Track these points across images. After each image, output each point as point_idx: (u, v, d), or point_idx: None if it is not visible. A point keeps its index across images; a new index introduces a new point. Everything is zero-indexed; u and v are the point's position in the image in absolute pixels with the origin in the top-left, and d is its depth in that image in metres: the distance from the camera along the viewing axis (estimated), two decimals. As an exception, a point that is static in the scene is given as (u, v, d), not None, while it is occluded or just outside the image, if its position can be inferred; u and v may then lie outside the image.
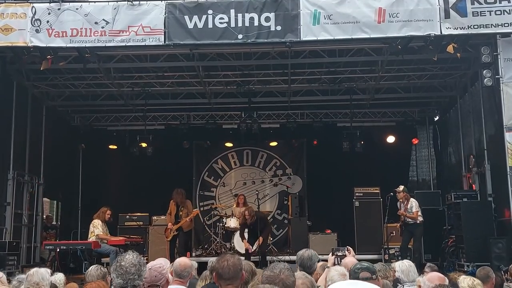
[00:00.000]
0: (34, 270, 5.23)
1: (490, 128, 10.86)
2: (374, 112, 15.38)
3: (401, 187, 11.53)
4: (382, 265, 5.53)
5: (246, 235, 12.23)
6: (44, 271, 5.16)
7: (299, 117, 15.58)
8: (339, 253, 5.55)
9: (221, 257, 3.61)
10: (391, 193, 11.80)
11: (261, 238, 11.91)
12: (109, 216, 11.46)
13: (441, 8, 9.35)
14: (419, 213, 11.37)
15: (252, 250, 11.95)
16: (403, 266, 5.37)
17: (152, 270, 4.17)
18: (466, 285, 4.72)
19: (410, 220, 11.33)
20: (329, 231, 13.65)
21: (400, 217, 11.57)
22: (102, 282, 4.05)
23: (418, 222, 11.36)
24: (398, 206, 11.62)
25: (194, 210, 13.82)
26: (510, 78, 9.60)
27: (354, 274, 4.05)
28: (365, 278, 3.89)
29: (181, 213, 12.21)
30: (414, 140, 15.85)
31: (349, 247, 5.71)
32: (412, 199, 11.52)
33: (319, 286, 4.88)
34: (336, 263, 5.53)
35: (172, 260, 6.46)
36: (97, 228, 11.11)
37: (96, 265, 5.82)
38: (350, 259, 5.28)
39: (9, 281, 5.91)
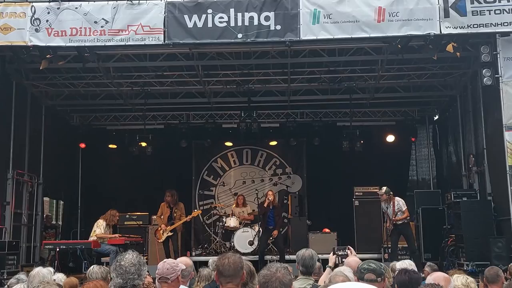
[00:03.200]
0: (36, 270, 5.21)
1: (490, 127, 10.86)
2: (374, 111, 15.36)
3: (384, 189, 11.34)
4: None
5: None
6: (46, 271, 5.16)
7: (299, 116, 15.55)
8: (340, 253, 5.56)
9: (223, 255, 3.69)
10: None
11: (276, 231, 12.04)
12: (117, 219, 11.49)
13: (441, 7, 9.35)
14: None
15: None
16: (404, 265, 5.39)
17: (166, 263, 4.17)
18: (459, 283, 4.66)
19: (400, 220, 11.25)
20: (327, 230, 13.65)
21: (388, 220, 11.51)
22: (100, 282, 4.03)
23: (406, 221, 11.33)
24: (384, 207, 11.54)
25: (195, 210, 13.82)
26: (509, 77, 9.59)
27: (360, 274, 4.03)
28: (369, 280, 3.87)
29: (175, 214, 12.16)
30: (412, 138, 15.88)
31: (349, 246, 5.72)
32: (397, 198, 11.37)
33: (319, 286, 4.88)
34: (338, 262, 5.53)
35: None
36: (99, 228, 11.13)
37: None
38: (353, 258, 5.27)
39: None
